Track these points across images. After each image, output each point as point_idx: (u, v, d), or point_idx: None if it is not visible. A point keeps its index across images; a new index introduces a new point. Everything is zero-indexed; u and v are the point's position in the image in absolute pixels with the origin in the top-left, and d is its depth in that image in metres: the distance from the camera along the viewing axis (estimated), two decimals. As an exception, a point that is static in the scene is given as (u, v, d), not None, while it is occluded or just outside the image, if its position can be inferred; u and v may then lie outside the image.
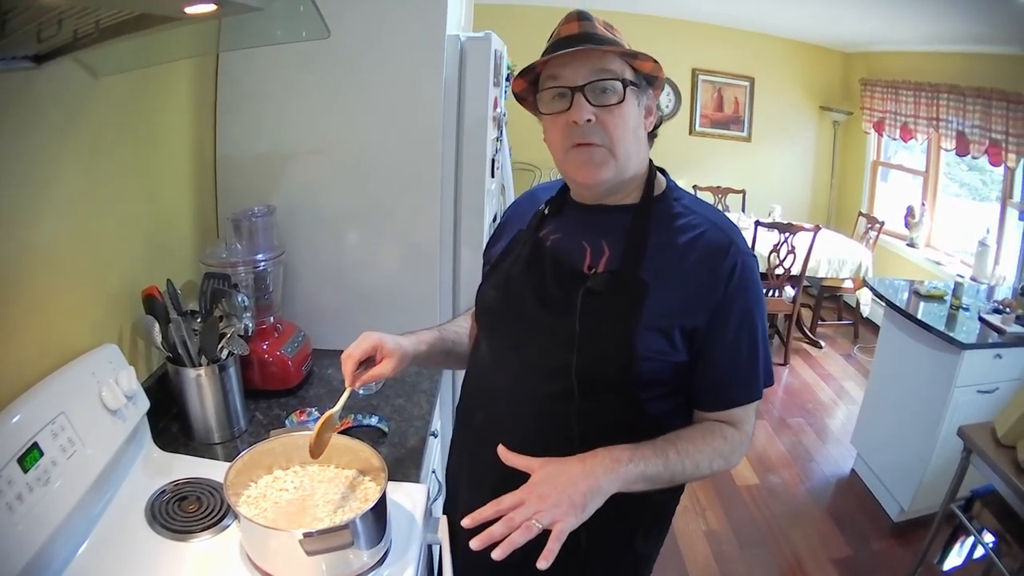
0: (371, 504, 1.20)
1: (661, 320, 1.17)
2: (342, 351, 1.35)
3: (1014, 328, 3.21)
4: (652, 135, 1.29)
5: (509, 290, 1.31)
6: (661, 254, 1.20)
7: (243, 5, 1.08)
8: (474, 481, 1.41)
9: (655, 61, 1.20)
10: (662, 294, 1.17)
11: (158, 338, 1.59)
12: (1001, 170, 4.99)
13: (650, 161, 1.29)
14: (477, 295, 1.41)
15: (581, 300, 1.18)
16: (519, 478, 1.29)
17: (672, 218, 1.24)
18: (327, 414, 1.31)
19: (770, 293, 5.21)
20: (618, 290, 1.18)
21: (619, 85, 1.16)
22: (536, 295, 1.26)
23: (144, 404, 1.51)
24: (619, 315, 1.17)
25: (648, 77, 1.23)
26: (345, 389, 1.33)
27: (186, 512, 1.37)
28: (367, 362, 1.36)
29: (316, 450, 1.31)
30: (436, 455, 1.95)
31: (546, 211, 1.35)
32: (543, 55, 1.18)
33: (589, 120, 1.15)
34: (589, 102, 1.15)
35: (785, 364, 5.36)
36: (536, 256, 1.30)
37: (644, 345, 1.16)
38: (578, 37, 1.16)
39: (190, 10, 1.06)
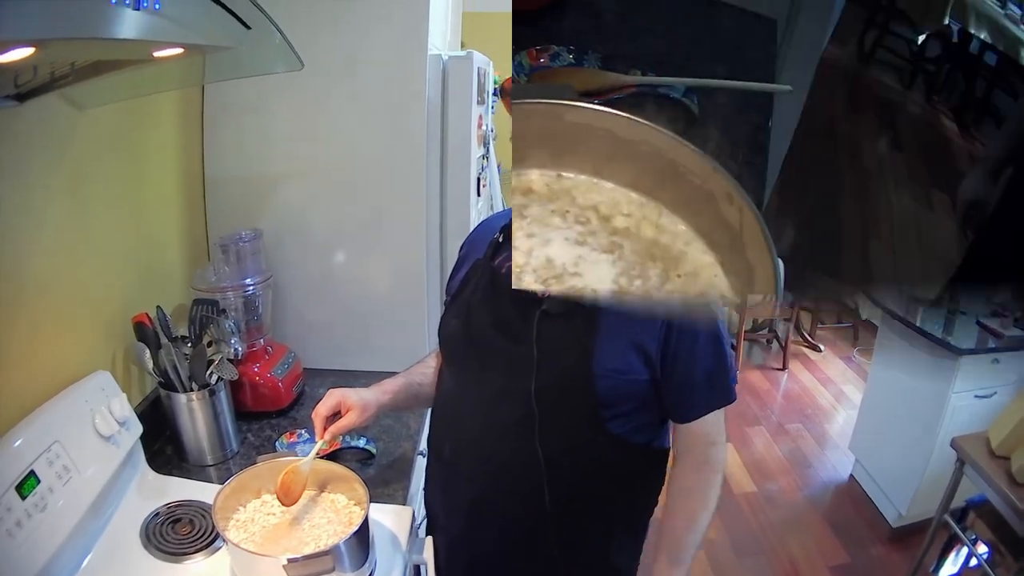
0: (354, 528, 1.23)
1: (618, 339, 1.18)
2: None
3: (1013, 332, 3.15)
4: None
5: (469, 319, 1.32)
6: None
7: (209, 46, 1.10)
8: (448, 507, 1.43)
9: None
10: (617, 313, 1.18)
11: (149, 364, 1.62)
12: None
13: None
14: (440, 326, 1.43)
15: (537, 324, 1.19)
16: (490, 506, 1.31)
17: None
18: (293, 464, 1.34)
19: (767, 299, 5.16)
20: (573, 312, 1.19)
21: None
22: (495, 323, 1.28)
23: (137, 429, 1.53)
24: (575, 337, 1.18)
25: None
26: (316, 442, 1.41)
27: (179, 534, 1.40)
28: (335, 416, 1.44)
29: (286, 499, 1.33)
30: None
31: (500, 239, 1.37)
32: None
33: None
34: None
35: (784, 369, 5.31)
36: (493, 284, 1.31)
37: (601, 365, 1.17)
38: None
39: (158, 54, 1.08)
